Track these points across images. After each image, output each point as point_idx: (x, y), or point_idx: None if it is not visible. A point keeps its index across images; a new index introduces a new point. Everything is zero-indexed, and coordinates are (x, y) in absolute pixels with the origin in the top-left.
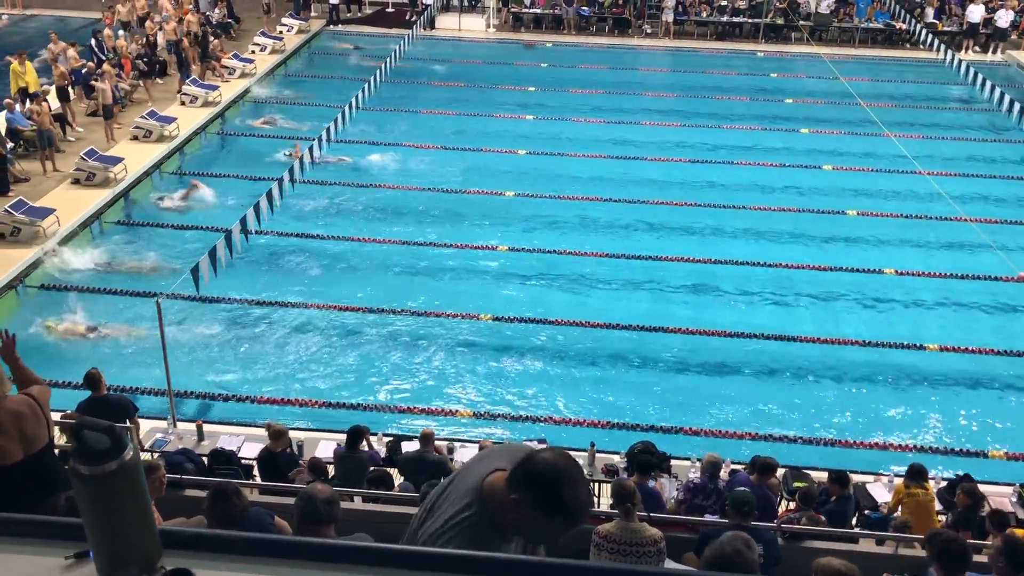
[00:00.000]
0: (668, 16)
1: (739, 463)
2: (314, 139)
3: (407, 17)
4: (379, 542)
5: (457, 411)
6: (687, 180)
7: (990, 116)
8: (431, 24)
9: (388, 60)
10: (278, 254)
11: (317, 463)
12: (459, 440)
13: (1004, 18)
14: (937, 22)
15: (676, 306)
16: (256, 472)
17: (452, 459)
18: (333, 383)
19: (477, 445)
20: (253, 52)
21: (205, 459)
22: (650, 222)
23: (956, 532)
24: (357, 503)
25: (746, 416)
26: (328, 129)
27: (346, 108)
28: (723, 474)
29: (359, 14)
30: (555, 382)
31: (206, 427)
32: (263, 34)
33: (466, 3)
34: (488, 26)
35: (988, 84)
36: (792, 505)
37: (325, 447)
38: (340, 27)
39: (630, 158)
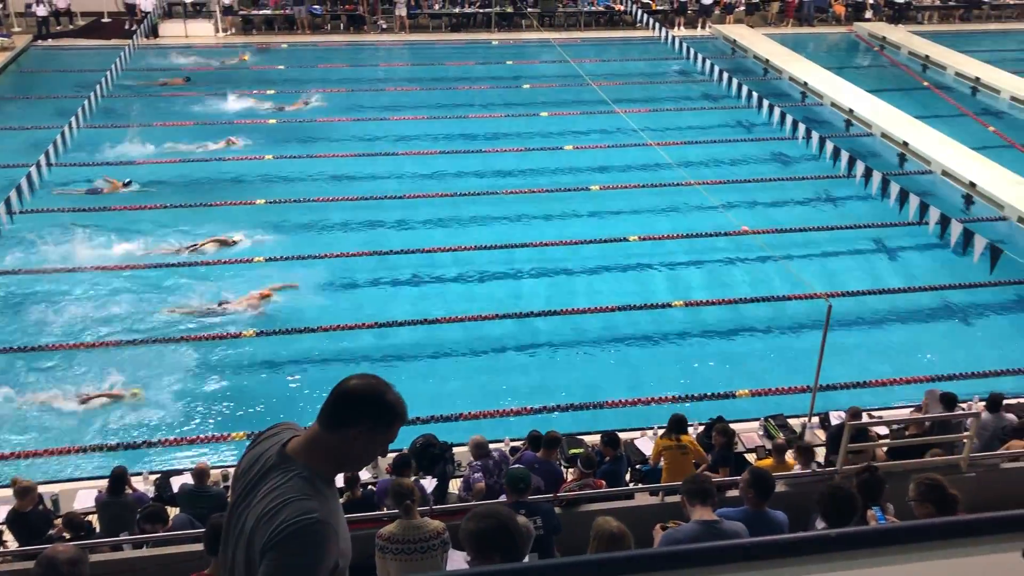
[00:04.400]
0: (401, 10)
1: (518, 439)
2: (31, 165)
3: (126, 27)
4: None
5: (229, 435)
6: (438, 171)
7: (704, 86)
8: (153, 32)
9: (109, 74)
10: (6, 295)
11: (74, 518)
12: (233, 467)
13: None
14: (651, 2)
15: (443, 295)
16: (7, 537)
17: (229, 487)
18: (85, 425)
19: None
20: None
21: None
22: (407, 216)
23: (716, 470)
24: (127, 551)
25: (522, 392)
26: (47, 152)
27: (65, 129)
28: (507, 451)
29: (71, 26)
30: (329, 389)
31: None
32: None
33: (190, 8)
34: (217, 31)
35: (700, 57)
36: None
37: (85, 497)
38: (51, 41)
39: (379, 154)
